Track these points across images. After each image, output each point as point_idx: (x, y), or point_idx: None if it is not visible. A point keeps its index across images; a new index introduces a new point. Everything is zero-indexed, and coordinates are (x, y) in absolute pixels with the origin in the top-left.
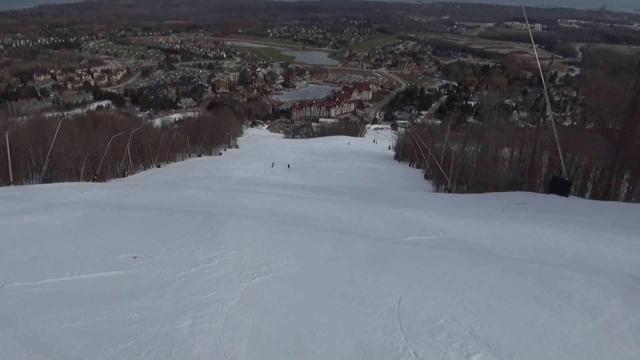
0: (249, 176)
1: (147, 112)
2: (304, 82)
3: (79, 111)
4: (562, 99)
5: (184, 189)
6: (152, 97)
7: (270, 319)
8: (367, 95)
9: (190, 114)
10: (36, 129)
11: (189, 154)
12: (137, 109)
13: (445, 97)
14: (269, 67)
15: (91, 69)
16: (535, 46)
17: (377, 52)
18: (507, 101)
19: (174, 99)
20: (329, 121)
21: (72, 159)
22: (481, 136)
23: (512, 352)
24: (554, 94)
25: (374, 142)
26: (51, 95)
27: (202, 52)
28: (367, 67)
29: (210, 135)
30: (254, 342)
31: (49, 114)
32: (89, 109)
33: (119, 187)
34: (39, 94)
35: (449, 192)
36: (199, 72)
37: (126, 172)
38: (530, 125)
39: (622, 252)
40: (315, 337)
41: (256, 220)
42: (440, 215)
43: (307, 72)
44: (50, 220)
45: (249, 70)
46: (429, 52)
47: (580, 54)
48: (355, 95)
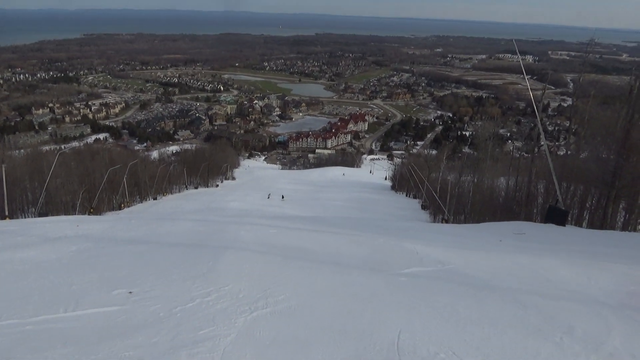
0: (246, 208)
1: (145, 144)
2: (301, 114)
3: (76, 144)
4: (556, 128)
5: (180, 221)
6: (149, 129)
7: (267, 356)
8: (363, 126)
9: (187, 146)
10: (33, 162)
11: (186, 186)
12: (135, 141)
13: (440, 127)
14: (266, 100)
15: (89, 103)
16: (527, 77)
17: (372, 84)
18: (501, 131)
19: (171, 132)
20: (326, 152)
21: (68, 192)
22: (477, 166)
23: None
24: (548, 123)
25: (371, 172)
26: (49, 128)
27: (199, 85)
28: (363, 99)
29: (207, 167)
30: None
31: (46, 147)
32: (87, 142)
33: (115, 220)
34: (37, 128)
35: (446, 222)
36: (197, 104)
37: (122, 205)
38: (525, 154)
39: (622, 283)
40: None
41: (253, 253)
42: (438, 246)
43: (303, 104)
44: (45, 255)
45: (246, 102)
46: (424, 84)
47: (571, 84)
48: (351, 126)
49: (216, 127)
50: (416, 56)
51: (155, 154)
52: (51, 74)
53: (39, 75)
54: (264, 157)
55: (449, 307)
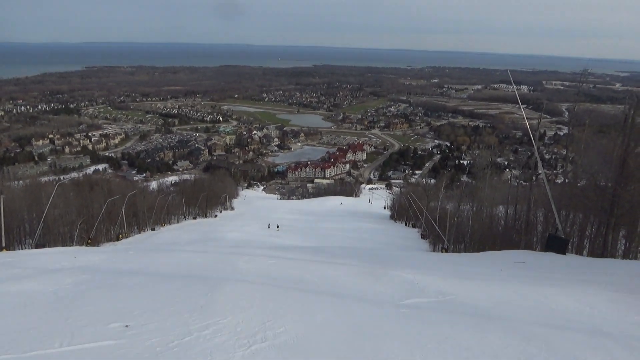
0: (245, 238)
1: (144, 175)
2: (299, 144)
3: (75, 175)
4: (553, 156)
5: (178, 252)
6: (149, 160)
7: None
8: (362, 156)
9: (186, 176)
10: (31, 193)
11: (184, 217)
12: (134, 172)
13: (438, 156)
14: (265, 130)
15: (89, 134)
16: (522, 107)
17: (370, 114)
18: (499, 160)
19: (170, 162)
20: (324, 182)
21: (66, 223)
22: (475, 195)
23: None
24: (544, 152)
25: (370, 202)
26: (49, 159)
27: (199, 116)
28: (361, 129)
29: (206, 197)
30: None
31: (45, 178)
32: (86, 173)
33: (113, 252)
34: (37, 159)
35: (446, 251)
36: (196, 135)
37: (120, 236)
38: (523, 183)
39: (625, 313)
40: None
41: (252, 284)
42: (438, 276)
43: (302, 135)
44: (41, 287)
45: (245, 133)
46: (421, 114)
47: (566, 113)
48: (349, 156)
49: (215, 158)
50: (413, 87)
51: (154, 185)
52: (52, 105)
53: (40, 107)
54: (262, 187)
55: (450, 338)
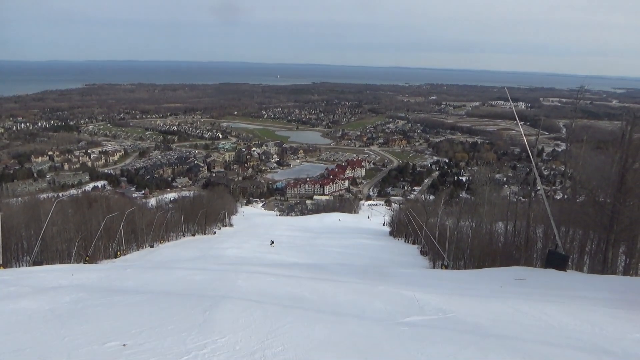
0: (244, 255)
1: (143, 192)
2: (298, 161)
3: (74, 192)
4: (551, 172)
5: (176, 270)
6: (148, 177)
7: None
8: (360, 172)
9: (185, 193)
10: (30, 210)
11: (183, 233)
12: (133, 188)
13: (436, 173)
14: (264, 147)
15: (89, 151)
16: (520, 123)
17: (368, 131)
18: (497, 176)
19: (169, 179)
20: (324, 198)
21: (64, 240)
22: (474, 211)
23: None
24: (543, 168)
25: (369, 218)
26: (48, 176)
27: (198, 133)
28: (360, 146)
29: (204, 214)
30: None
31: (44, 195)
32: (85, 190)
33: (111, 269)
34: (36, 175)
35: (446, 268)
36: (195, 152)
37: (118, 253)
38: (522, 199)
39: (627, 330)
40: None
41: (250, 302)
42: (438, 293)
43: (301, 151)
44: (38, 305)
45: (244, 149)
46: (419, 131)
47: (564, 129)
48: (348, 172)
49: (214, 174)
50: (411, 104)
51: (153, 201)
52: (52, 122)
53: (39, 124)
54: (261, 204)
55: (451, 357)
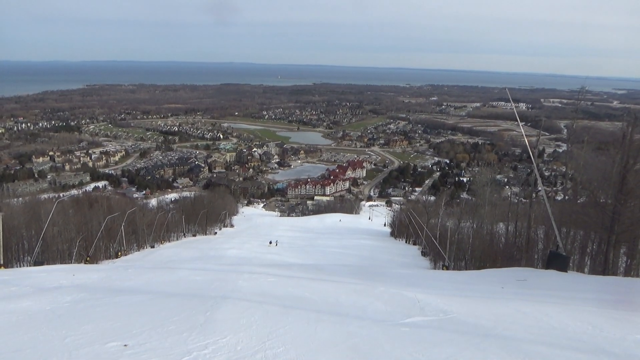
0: (244, 255)
1: (144, 192)
2: (299, 162)
3: (75, 192)
4: (552, 173)
5: (177, 270)
6: (149, 177)
7: None
8: (361, 173)
9: (186, 193)
10: (31, 210)
11: (184, 234)
12: (134, 189)
13: (437, 173)
14: (265, 147)
15: (90, 151)
16: (521, 124)
17: (369, 131)
18: (498, 177)
19: (170, 179)
20: (324, 199)
21: (65, 240)
22: (475, 212)
23: None
24: (544, 169)
25: (370, 219)
26: (48, 176)
27: (199, 133)
28: (361, 146)
29: (205, 214)
30: None
31: (44, 196)
32: (85, 190)
33: (112, 270)
34: (37, 176)
35: (447, 269)
36: (196, 152)
37: (119, 253)
38: (523, 200)
39: (628, 331)
40: None
41: (251, 303)
42: (439, 294)
43: (302, 152)
44: (39, 305)
45: (245, 150)
46: (420, 131)
47: (565, 130)
48: (349, 173)
49: (215, 175)
50: (412, 104)
51: (153, 202)
52: (53, 123)
53: (40, 124)
54: (262, 204)
55: (452, 358)
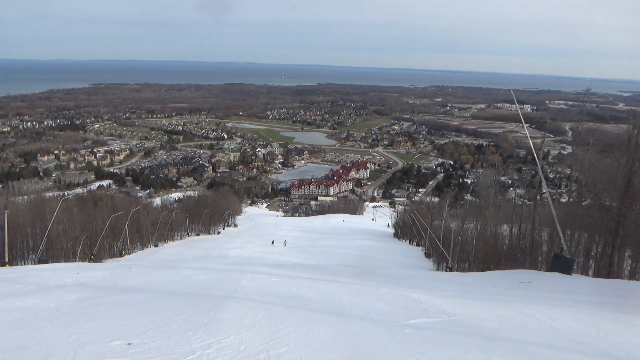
0: (248, 255)
1: (148, 191)
2: (303, 162)
3: (80, 191)
4: (557, 176)
5: (181, 269)
6: (153, 176)
7: None
8: (365, 173)
9: (190, 193)
10: (36, 208)
11: (188, 233)
12: (138, 188)
13: (441, 175)
14: (269, 147)
15: (94, 150)
16: (526, 126)
17: (373, 132)
18: (502, 179)
19: (174, 179)
20: (328, 199)
21: (69, 239)
22: (479, 213)
23: None
24: (548, 171)
25: (373, 220)
26: (53, 175)
27: (203, 133)
28: (364, 147)
29: (209, 214)
30: None
31: (49, 194)
32: (90, 189)
33: (116, 268)
34: (42, 174)
35: (450, 270)
36: (200, 152)
37: (123, 252)
38: (527, 202)
39: (631, 334)
40: None
41: (255, 302)
42: (442, 295)
43: (305, 152)
44: (43, 303)
45: (249, 150)
46: (424, 132)
47: (570, 132)
48: (353, 174)
49: (219, 174)
50: (416, 105)
51: (158, 201)
52: (58, 121)
53: (46, 122)
54: (266, 204)
55: None
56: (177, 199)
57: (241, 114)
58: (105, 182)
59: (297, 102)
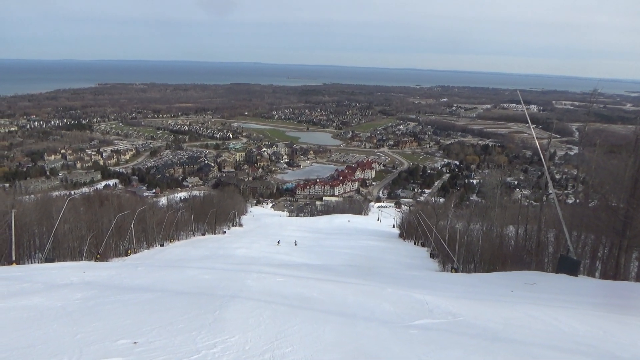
0: (253, 255)
1: (154, 190)
2: (308, 162)
3: (86, 190)
4: (563, 176)
5: (186, 269)
6: (159, 176)
7: None
8: (370, 174)
9: (195, 192)
10: (42, 207)
11: (193, 233)
12: (144, 187)
13: (447, 175)
14: (274, 147)
15: (101, 149)
16: (532, 126)
17: (379, 132)
18: (508, 179)
19: (180, 178)
20: (333, 200)
21: (76, 238)
22: (485, 214)
23: None
24: (555, 172)
25: (378, 220)
26: (60, 174)
27: (209, 133)
28: (370, 147)
29: (214, 213)
30: None
31: (56, 193)
32: (96, 188)
33: (122, 267)
34: (48, 173)
35: (456, 271)
36: (206, 152)
37: (129, 251)
38: (533, 203)
39: (638, 336)
40: None
41: (260, 302)
42: (448, 296)
43: (311, 152)
44: (50, 302)
45: (255, 150)
46: (430, 133)
47: (576, 133)
48: (358, 174)
49: (224, 174)
50: (422, 106)
51: (163, 200)
52: (65, 121)
53: (53, 122)
54: (271, 204)
55: None
56: (182, 198)
57: (247, 114)
58: (111, 182)
59: (303, 102)
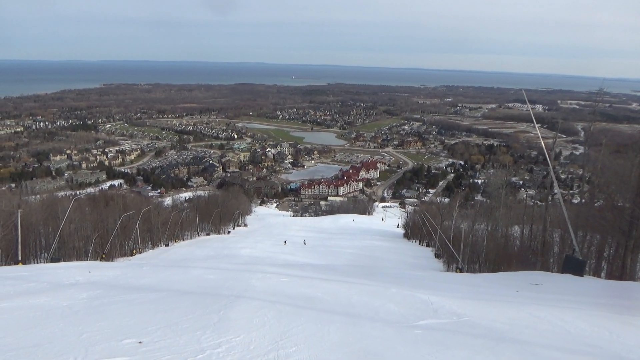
0: (258, 255)
1: (159, 191)
2: (313, 162)
3: (91, 190)
4: (569, 176)
5: (191, 269)
6: (164, 176)
7: None
8: (375, 174)
9: (200, 192)
10: (48, 207)
11: (198, 233)
12: (149, 187)
13: (452, 175)
14: (279, 147)
15: (106, 150)
16: (537, 126)
17: (383, 132)
18: (513, 179)
19: (185, 178)
20: (338, 200)
21: (81, 238)
22: (490, 214)
23: None
24: (560, 171)
25: (383, 220)
26: (65, 174)
27: (214, 133)
28: (374, 147)
29: (219, 213)
30: None
31: (62, 193)
32: (102, 188)
33: (127, 267)
34: (54, 174)
35: (461, 271)
36: (211, 152)
37: (134, 251)
38: (538, 202)
39: None
40: None
41: (264, 302)
42: (452, 296)
43: (315, 152)
44: (56, 301)
45: (259, 150)
46: (434, 132)
47: (582, 132)
48: (362, 174)
49: (229, 174)
50: (426, 105)
51: (168, 201)
52: (70, 121)
53: (58, 123)
54: (275, 204)
55: None
56: (187, 198)
57: (251, 114)
58: (116, 182)
59: (307, 102)
